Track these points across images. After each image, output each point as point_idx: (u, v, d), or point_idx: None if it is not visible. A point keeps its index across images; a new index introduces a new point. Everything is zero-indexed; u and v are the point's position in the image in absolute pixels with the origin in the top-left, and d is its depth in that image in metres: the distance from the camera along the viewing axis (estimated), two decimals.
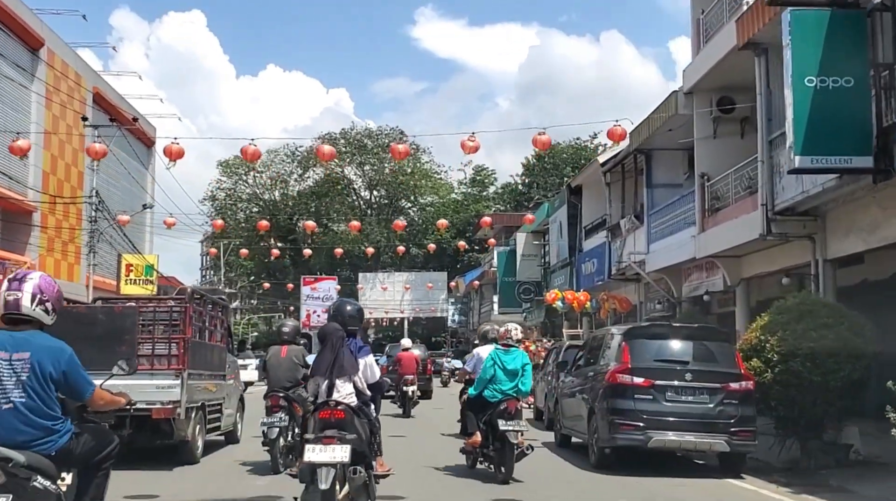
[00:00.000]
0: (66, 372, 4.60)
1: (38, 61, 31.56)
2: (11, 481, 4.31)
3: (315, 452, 6.42)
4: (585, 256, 27.89)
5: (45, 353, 4.56)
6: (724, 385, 10.65)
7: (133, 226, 41.26)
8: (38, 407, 4.50)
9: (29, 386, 4.47)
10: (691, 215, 19.81)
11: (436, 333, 72.52)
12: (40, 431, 4.50)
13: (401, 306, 65.75)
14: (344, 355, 6.93)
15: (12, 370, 4.47)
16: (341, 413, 6.68)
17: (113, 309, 11.42)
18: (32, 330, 4.64)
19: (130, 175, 36.49)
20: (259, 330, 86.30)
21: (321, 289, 68.81)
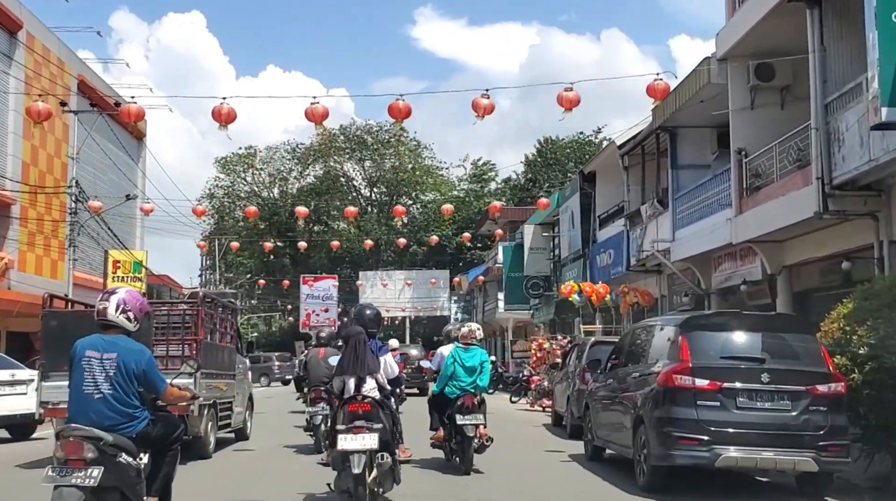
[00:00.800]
0: (145, 371, 5.50)
1: (17, 44, 29.30)
2: (102, 456, 5.17)
3: (347, 441, 7.11)
4: (600, 247, 25.59)
5: (129, 354, 5.44)
6: (810, 388, 8.33)
7: (122, 221, 39.04)
8: (122, 398, 5.38)
9: (115, 381, 5.36)
10: (725, 196, 17.53)
11: (437, 332, 70.16)
12: (123, 417, 5.37)
13: (402, 305, 63.46)
14: (367, 354, 7.66)
15: (102, 367, 5.37)
16: (368, 406, 7.38)
17: None
18: (119, 334, 5.53)
19: (118, 167, 34.19)
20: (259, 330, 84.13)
21: (321, 288, 66.61)
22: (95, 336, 5.54)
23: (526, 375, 24.37)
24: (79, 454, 5.19)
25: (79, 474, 5.14)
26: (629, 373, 9.88)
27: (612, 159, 24.44)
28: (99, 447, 5.23)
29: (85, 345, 5.51)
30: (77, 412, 5.40)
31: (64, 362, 11.59)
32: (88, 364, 5.42)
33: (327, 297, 66.01)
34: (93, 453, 5.20)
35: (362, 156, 69.84)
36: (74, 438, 5.25)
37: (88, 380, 5.40)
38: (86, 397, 5.38)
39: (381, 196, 72.45)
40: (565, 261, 29.45)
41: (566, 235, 28.73)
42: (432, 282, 49.64)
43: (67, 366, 5.56)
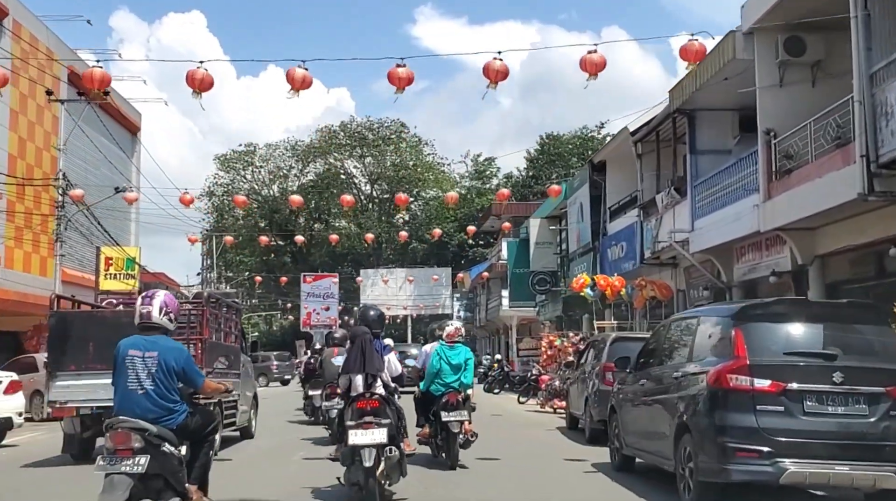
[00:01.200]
0: (184, 367, 5.96)
1: (3, 32, 27.94)
2: (148, 445, 5.60)
3: (357, 435, 7.35)
4: (611, 239, 24.20)
5: (169, 352, 5.90)
6: (891, 388, 6.99)
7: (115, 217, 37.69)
8: (163, 393, 5.82)
9: (157, 377, 5.81)
10: (752, 181, 16.15)
11: None
12: (165, 411, 5.81)
13: (404, 304, 62.12)
14: (373, 353, 7.88)
15: (145, 364, 5.81)
16: (376, 402, 7.61)
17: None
18: (159, 335, 5.99)
19: (109, 161, 32.81)
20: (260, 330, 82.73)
21: (321, 286, 65.33)
22: (137, 337, 5.94)
23: (535, 374, 22.98)
24: (126, 444, 5.55)
25: (127, 462, 5.50)
26: (668, 373, 8.44)
27: (625, 147, 23.05)
28: (144, 437, 5.57)
29: (128, 345, 5.90)
30: (122, 406, 5.78)
31: (70, 362, 11.03)
32: (132, 363, 5.80)
33: (328, 295, 64.67)
34: (139, 443, 5.56)
35: (363, 152, 68.50)
36: (122, 429, 5.62)
37: (132, 377, 5.78)
38: (130, 392, 5.77)
39: (382, 193, 71.07)
40: (573, 255, 28.06)
41: (574, 228, 27.34)
42: (434, 279, 48.24)
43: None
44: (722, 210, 17.44)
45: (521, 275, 35.48)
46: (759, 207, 15.38)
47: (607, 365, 12.88)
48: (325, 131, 68.78)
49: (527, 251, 35.40)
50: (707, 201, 18.30)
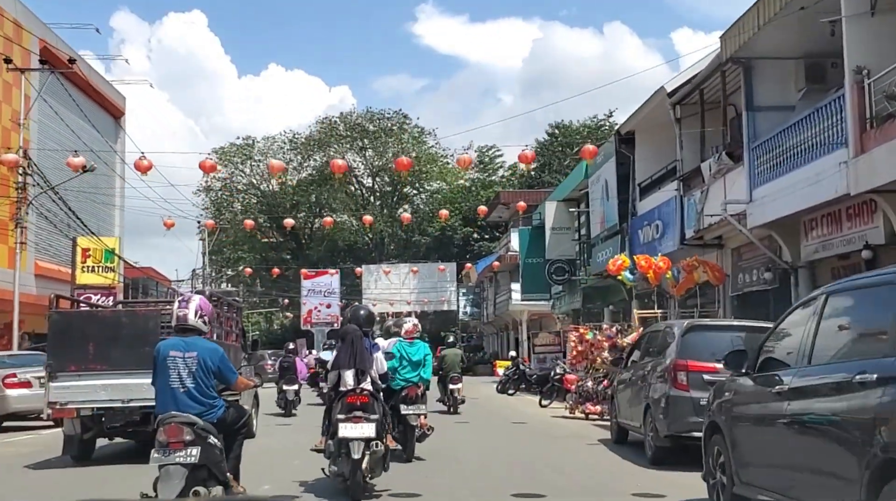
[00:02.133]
0: (220, 366, 6.30)
1: None
2: (197, 438, 5.96)
3: (347, 429, 7.65)
4: (643, 219, 20.90)
5: (206, 352, 6.24)
6: None
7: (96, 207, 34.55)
8: (203, 390, 6.16)
9: (197, 376, 6.16)
10: (835, 133, 12.90)
11: (445, 327, 65.53)
12: (206, 407, 6.14)
13: (407, 299, 58.86)
14: (362, 351, 8.13)
15: (186, 364, 6.15)
16: (365, 398, 7.89)
17: (136, 312, 11.83)
18: (196, 336, 6.32)
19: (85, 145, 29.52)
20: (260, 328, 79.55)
21: (322, 283, 62.17)
22: (176, 339, 6.32)
23: (558, 373, 19.69)
24: (179, 437, 5.90)
25: (180, 453, 5.88)
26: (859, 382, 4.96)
27: (659, 112, 19.76)
28: (194, 430, 5.95)
29: (168, 346, 6.26)
30: (167, 403, 6.10)
31: (70, 362, 10.72)
32: (173, 363, 6.14)
33: (329, 292, 61.47)
34: (190, 436, 5.92)
35: (364, 145, 65.25)
36: (174, 424, 5.95)
37: (174, 376, 6.12)
38: (173, 390, 6.10)
39: (384, 186, 67.84)
40: (596, 240, 24.75)
41: (598, 209, 24.05)
42: (441, 269, 44.55)
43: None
44: (790, 174, 14.15)
45: (534, 265, 32.22)
46: (848, 164, 12.13)
47: (682, 363, 9.58)
48: (325, 123, 65.60)
49: (540, 239, 32.10)
50: (770, 166, 15.01)
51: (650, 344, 11.59)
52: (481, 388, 30.24)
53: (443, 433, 12.99)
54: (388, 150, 65.44)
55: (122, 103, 37.25)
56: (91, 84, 32.97)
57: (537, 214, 32.09)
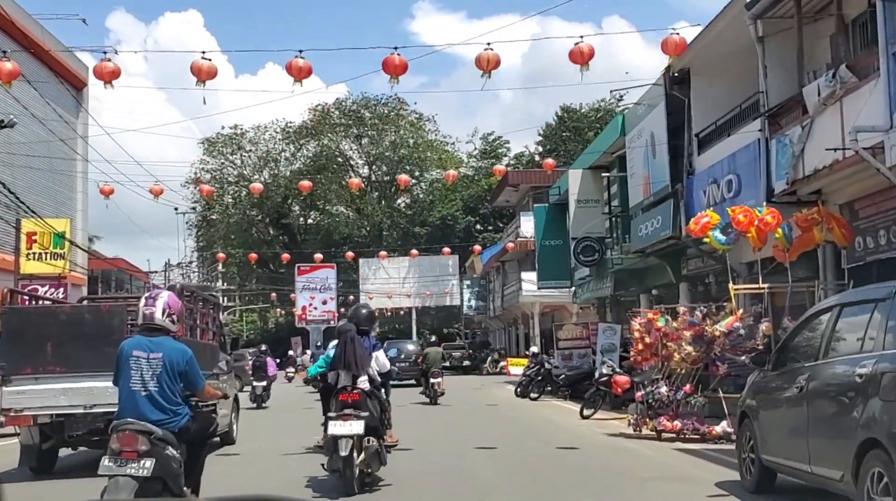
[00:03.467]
0: (186, 369, 5.68)
1: None
2: (153, 448, 5.36)
3: (336, 426, 7.61)
4: (706, 176, 15.90)
5: (173, 353, 5.61)
6: None
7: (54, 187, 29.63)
8: (167, 395, 5.54)
9: (161, 379, 5.53)
10: None
11: (448, 323, 60.57)
12: (168, 413, 5.53)
13: (407, 292, 53.94)
14: (356, 350, 7.98)
15: (150, 366, 5.53)
16: (356, 396, 7.81)
17: (100, 308, 10.75)
18: (163, 336, 5.69)
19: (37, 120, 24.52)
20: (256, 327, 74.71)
21: (318, 278, 57.30)
22: (140, 337, 5.70)
23: (604, 373, 14.65)
24: (133, 446, 5.32)
25: (133, 465, 5.31)
26: None
27: (729, 36, 14.83)
28: (150, 440, 5.33)
29: (132, 345, 5.66)
30: (126, 408, 5.52)
31: (26, 364, 9.92)
32: (136, 364, 5.55)
33: (325, 287, 56.52)
34: (145, 445, 5.33)
35: (359, 132, 60.27)
36: (129, 431, 5.37)
37: (136, 378, 5.54)
38: (134, 393, 5.52)
39: (382, 176, 62.88)
40: (635, 211, 19.77)
41: (639, 172, 19.06)
42: (446, 252, 39.22)
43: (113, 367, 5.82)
44: None
45: (552, 248, 27.25)
46: None
47: None
48: (318, 110, 60.67)
49: (560, 217, 27.15)
50: None
51: (820, 329, 6.65)
52: (495, 391, 25.28)
53: (473, 473, 9.14)
54: (385, 138, 60.58)
55: (85, 74, 32.23)
56: (48, 51, 27.98)
57: (556, 188, 27.12)
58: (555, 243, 27.20)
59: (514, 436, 12.65)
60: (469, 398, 22.56)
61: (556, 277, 27.42)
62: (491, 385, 27.91)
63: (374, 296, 52.36)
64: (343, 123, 60.05)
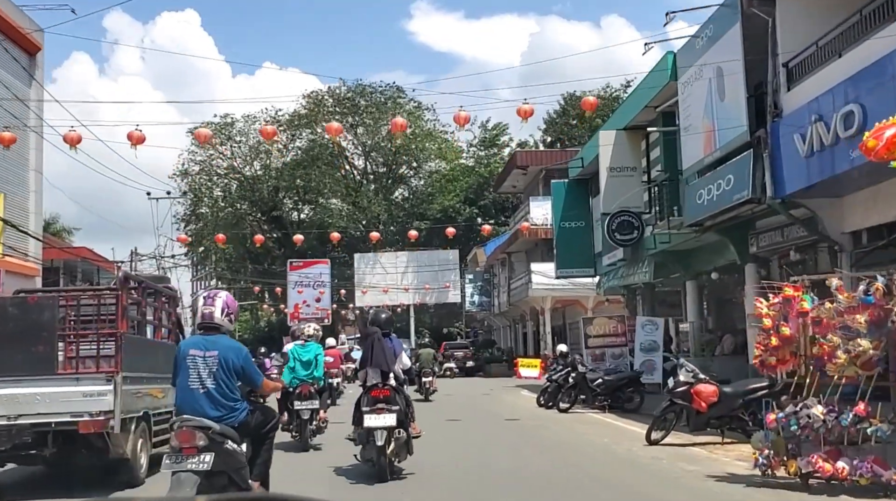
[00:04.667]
0: (243, 366, 5.63)
1: None
2: (212, 443, 5.33)
3: (371, 419, 8.06)
4: (806, 113, 11.50)
5: (229, 351, 5.58)
6: None
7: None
8: (224, 392, 5.51)
9: (218, 376, 5.50)
10: None
11: (449, 323, 56.09)
12: (226, 409, 5.49)
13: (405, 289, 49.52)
14: (384, 350, 8.41)
15: (206, 364, 5.51)
16: (387, 392, 8.25)
17: (26, 301, 8.91)
18: (219, 335, 5.67)
19: None
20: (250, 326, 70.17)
21: (311, 275, 52.84)
22: (197, 337, 5.73)
23: (682, 382, 10.05)
24: (191, 442, 5.29)
25: (193, 460, 5.27)
26: None
27: None
28: (209, 435, 5.28)
29: (188, 345, 5.70)
30: (185, 405, 5.51)
31: None
32: (193, 362, 5.51)
33: (319, 284, 52.05)
34: (204, 441, 5.29)
35: (354, 122, 55.78)
36: (187, 428, 5.35)
37: (193, 377, 5.50)
38: (192, 391, 5.48)
39: (378, 167, 58.45)
40: (690, 174, 15.33)
41: (698, 122, 14.55)
42: (450, 232, 34.76)
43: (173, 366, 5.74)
44: None
45: (573, 231, 22.82)
46: None
47: None
48: (312, 98, 56.23)
49: (582, 194, 22.75)
50: None
51: None
52: (508, 397, 20.86)
53: None
54: (382, 127, 56.09)
55: (40, 37, 27.76)
56: None
57: (576, 160, 22.66)
58: (576, 224, 22.77)
59: (559, 473, 8.25)
60: (479, 407, 18.15)
61: (578, 264, 22.97)
62: (501, 390, 23.48)
63: (368, 290, 48.05)
64: (337, 112, 55.56)
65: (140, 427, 9.00)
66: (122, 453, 8.53)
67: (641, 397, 15.36)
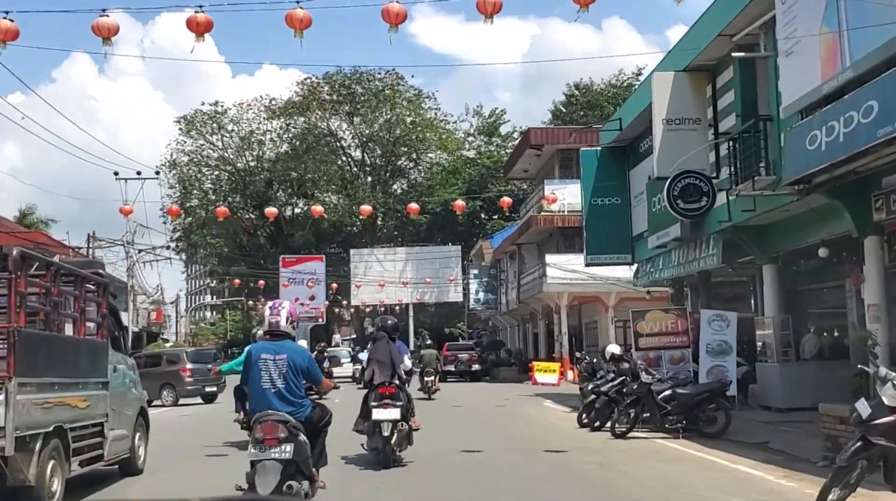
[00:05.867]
0: (308, 367, 6.05)
1: None
2: (290, 435, 5.72)
3: (379, 413, 8.76)
4: None
5: (295, 354, 6.00)
6: None
7: None
8: (292, 390, 5.92)
9: (287, 377, 5.89)
10: None
11: (451, 323, 51.69)
12: (295, 406, 5.90)
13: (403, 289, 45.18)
14: (391, 353, 9.19)
15: (276, 366, 5.89)
16: (393, 389, 8.95)
17: None
18: (285, 340, 6.08)
19: None
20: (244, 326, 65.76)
21: (305, 271, 48.34)
22: (266, 342, 6.10)
23: (890, 409, 5.78)
24: (274, 434, 5.68)
25: (275, 450, 5.66)
26: None
27: None
28: (288, 428, 5.68)
29: (259, 349, 6.07)
30: (259, 403, 5.89)
31: None
32: (265, 365, 5.89)
33: (314, 281, 47.53)
34: (284, 433, 5.68)
35: (351, 110, 51.40)
36: (270, 421, 5.72)
37: (265, 378, 5.87)
38: (264, 391, 5.86)
39: (376, 159, 54.06)
40: (792, 114, 10.95)
41: (810, 42, 10.23)
42: (459, 207, 29.96)
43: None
44: None
45: (606, 209, 18.50)
46: None
47: None
48: (306, 85, 51.88)
49: (618, 164, 18.45)
50: None
51: None
52: (531, 411, 16.44)
53: None
54: (380, 116, 51.75)
55: None
56: None
57: (612, 123, 18.26)
58: (610, 201, 18.44)
59: None
60: (499, 425, 13.72)
61: (611, 249, 18.61)
62: (518, 401, 19.05)
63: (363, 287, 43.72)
64: (333, 100, 51.23)
65: (50, 446, 7.20)
66: (24, 480, 6.84)
67: (727, 416, 10.95)
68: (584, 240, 19.02)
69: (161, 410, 19.16)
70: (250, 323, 63.92)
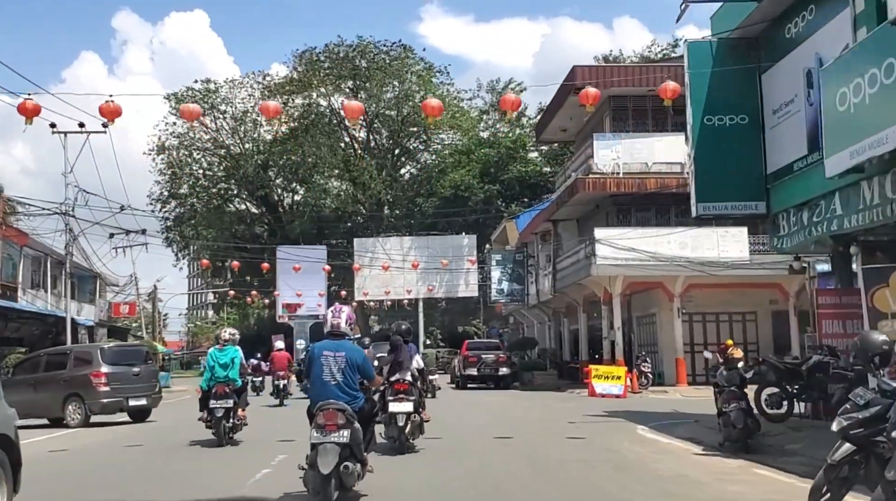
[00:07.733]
0: (363, 364, 6.56)
1: None
2: (347, 422, 6.15)
3: (395, 406, 9.38)
4: None
5: (353, 352, 6.53)
6: None
7: None
8: (349, 383, 6.42)
9: (345, 372, 6.41)
10: None
11: (464, 320, 44.94)
12: (351, 397, 6.38)
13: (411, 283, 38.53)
14: (404, 354, 9.87)
15: (335, 362, 6.42)
16: (406, 385, 9.62)
17: None
18: (344, 340, 6.61)
19: None
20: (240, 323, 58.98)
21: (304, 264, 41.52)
22: (327, 341, 6.58)
23: None
24: (334, 420, 6.15)
25: (335, 435, 6.10)
26: None
27: None
28: (346, 415, 6.18)
29: (321, 347, 6.54)
30: (321, 394, 6.37)
31: None
32: (326, 361, 6.42)
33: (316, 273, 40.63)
34: (343, 420, 6.15)
35: (355, 86, 44.73)
36: (331, 409, 6.20)
37: (326, 372, 6.40)
38: (325, 383, 6.37)
39: (383, 141, 47.37)
40: None
41: None
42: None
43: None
44: None
45: (728, 133, 11.71)
46: None
47: None
48: (305, 58, 45.29)
49: (741, 63, 11.66)
50: None
51: None
52: (648, 453, 9.46)
53: None
54: (386, 92, 45.09)
55: None
56: None
57: (725, 8, 11.57)
58: (732, 120, 11.68)
59: None
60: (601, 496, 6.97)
61: (736, 195, 11.79)
62: (589, 426, 12.24)
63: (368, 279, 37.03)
64: (335, 74, 44.57)
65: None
66: None
67: None
68: (692, 180, 12.16)
69: (59, 434, 12.45)
70: (246, 321, 57.30)
